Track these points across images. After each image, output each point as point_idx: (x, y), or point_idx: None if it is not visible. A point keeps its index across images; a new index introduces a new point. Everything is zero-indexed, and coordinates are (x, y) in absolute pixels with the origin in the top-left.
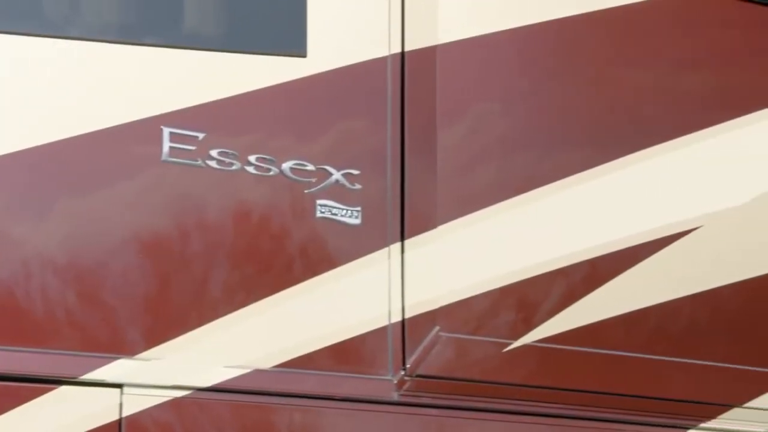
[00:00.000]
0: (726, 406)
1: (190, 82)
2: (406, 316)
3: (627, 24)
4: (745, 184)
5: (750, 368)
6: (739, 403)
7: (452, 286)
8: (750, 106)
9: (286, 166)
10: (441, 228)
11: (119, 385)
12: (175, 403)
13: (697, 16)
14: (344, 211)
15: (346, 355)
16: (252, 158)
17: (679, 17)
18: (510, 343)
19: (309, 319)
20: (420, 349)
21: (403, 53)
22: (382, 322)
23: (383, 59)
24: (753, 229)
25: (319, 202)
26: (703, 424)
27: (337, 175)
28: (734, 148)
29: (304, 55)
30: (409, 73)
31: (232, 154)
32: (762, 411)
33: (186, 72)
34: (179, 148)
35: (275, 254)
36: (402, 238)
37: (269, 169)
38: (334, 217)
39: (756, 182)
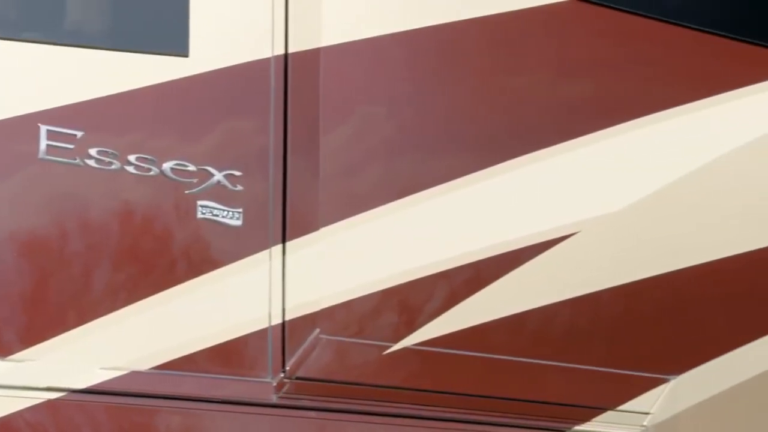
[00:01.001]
0: (601, 409)
1: (70, 79)
2: (287, 318)
3: (509, 31)
4: (623, 191)
5: (627, 372)
6: (614, 405)
7: (334, 288)
8: (627, 114)
9: (167, 166)
10: (323, 230)
11: None
12: (49, 405)
13: (576, 25)
14: (225, 212)
15: (225, 357)
16: (132, 158)
17: (559, 25)
18: (390, 346)
19: (189, 321)
20: (300, 351)
21: (286, 55)
22: (263, 324)
23: (266, 60)
24: (630, 234)
25: (200, 202)
26: (579, 427)
27: (218, 176)
28: (612, 156)
29: (186, 55)
30: (293, 75)
31: (112, 153)
32: (637, 414)
33: (65, 70)
34: (57, 147)
35: (155, 255)
36: (283, 240)
37: (149, 169)
38: (215, 218)
39: (633, 189)
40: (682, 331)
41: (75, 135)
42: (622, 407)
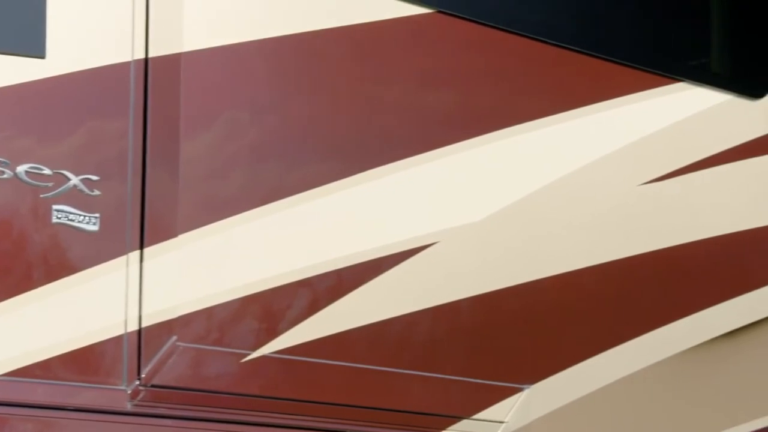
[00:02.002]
0: (457, 418)
1: None
2: (143, 325)
3: (373, 41)
4: (482, 202)
5: (483, 381)
6: (470, 414)
7: (192, 295)
8: (487, 127)
9: (21, 169)
10: (182, 237)
11: None
12: None
13: (440, 36)
14: (81, 217)
15: (79, 364)
16: None
17: (422, 36)
18: (249, 354)
19: (43, 327)
20: (156, 359)
21: (146, 59)
22: (118, 331)
23: (126, 64)
24: (488, 245)
25: (55, 207)
26: None
27: (74, 180)
28: (472, 167)
29: (42, 56)
30: (153, 80)
31: None
32: (492, 423)
33: None
34: None
35: (7, 259)
36: (141, 246)
37: (3, 172)
38: (70, 222)
39: (492, 200)
40: (536, 341)
41: None
42: (477, 416)
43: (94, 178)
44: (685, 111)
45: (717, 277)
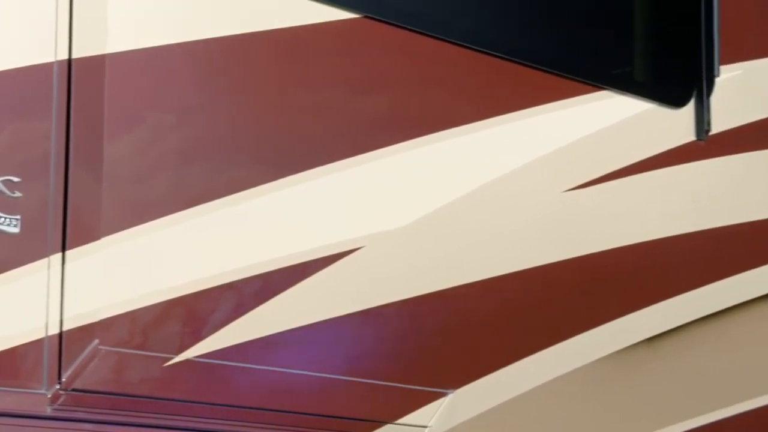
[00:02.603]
0: (381, 423)
1: None
2: (64, 328)
3: (299, 44)
4: (407, 207)
5: (407, 386)
6: (394, 419)
7: (115, 299)
8: (413, 132)
9: None
10: (105, 239)
11: None
12: None
13: (367, 41)
14: (2, 219)
15: None
16: None
17: (349, 41)
18: (172, 358)
19: None
20: (77, 362)
21: (70, 60)
22: (39, 335)
23: (49, 65)
24: (414, 250)
25: None
26: None
27: None
28: (398, 172)
29: None
30: (76, 81)
31: None
32: (415, 427)
33: None
34: None
35: None
36: (63, 249)
37: None
38: None
39: (417, 205)
40: (461, 346)
41: None
42: (401, 420)
43: (16, 179)
44: (608, 119)
45: (637, 284)
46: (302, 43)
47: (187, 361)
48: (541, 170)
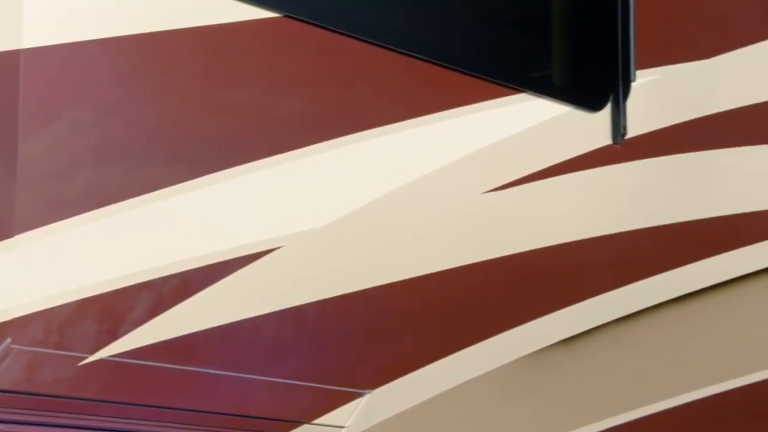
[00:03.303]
0: (298, 423)
1: None
2: None
3: (220, 42)
4: (326, 207)
5: (325, 386)
6: (311, 419)
7: (29, 297)
8: (333, 132)
9: None
10: (18, 237)
11: None
12: None
13: (287, 41)
14: None
15: None
16: None
17: (270, 40)
18: (87, 357)
19: None
20: None
21: None
22: None
23: None
24: (332, 250)
25: None
26: None
27: None
28: (317, 172)
29: None
30: None
31: None
32: (332, 428)
33: None
34: None
35: None
36: None
37: None
38: None
39: (336, 206)
40: (379, 346)
41: None
42: (318, 421)
43: None
44: (527, 122)
45: (554, 285)
46: (221, 41)
47: (102, 361)
48: (460, 172)
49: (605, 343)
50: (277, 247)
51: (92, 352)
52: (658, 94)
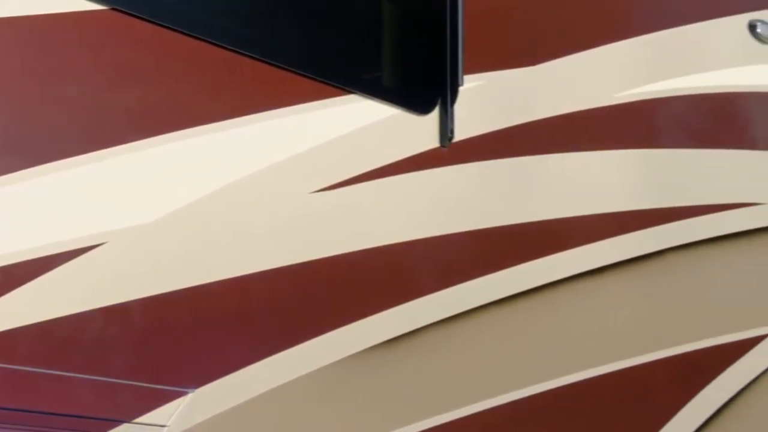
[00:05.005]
0: (119, 422)
1: None
2: None
3: (41, 34)
4: (154, 204)
5: (148, 385)
6: (132, 418)
7: None
8: (160, 128)
9: None
10: None
11: None
12: None
13: (113, 34)
14: None
15: None
16: None
17: (94, 33)
18: None
19: None
20: None
21: None
22: None
23: None
24: (159, 247)
25: None
26: None
27: None
28: (144, 168)
29: None
30: None
31: None
32: (154, 427)
33: None
34: None
35: None
36: None
37: None
38: None
39: (163, 202)
40: (204, 345)
41: None
42: (139, 420)
43: None
44: (356, 123)
45: (380, 286)
46: (45, 32)
47: None
48: (288, 171)
49: (429, 344)
50: (102, 243)
51: None
52: (484, 100)
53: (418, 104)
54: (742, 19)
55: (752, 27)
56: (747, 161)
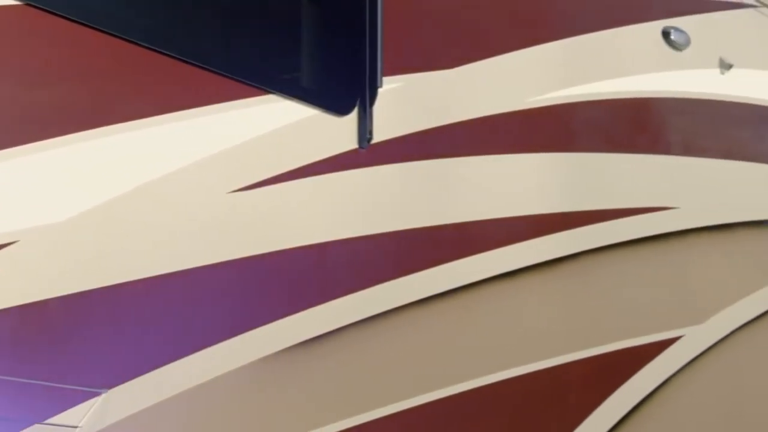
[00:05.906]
0: (30, 423)
1: None
2: None
3: None
4: (66, 203)
5: (59, 385)
6: (43, 419)
7: None
8: (74, 126)
9: None
10: None
11: None
12: None
13: (28, 30)
14: None
15: None
16: None
17: (12, 29)
18: None
19: None
20: None
21: None
22: None
23: None
24: (72, 246)
25: None
26: None
27: None
28: (56, 167)
29: None
30: None
31: None
32: (65, 428)
33: None
34: None
35: None
36: None
37: None
38: None
39: (76, 201)
40: (117, 344)
41: None
42: (51, 421)
43: None
44: (275, 123)
45: (298, 286)
46: None
47: None
48: (206, 170)
49: (347, 345)
50: (14, 241)
51: None
52: (402, 101)
53: (337, 105)
54: (657, 26)
55: (666, 34)
56: (662, 165)
